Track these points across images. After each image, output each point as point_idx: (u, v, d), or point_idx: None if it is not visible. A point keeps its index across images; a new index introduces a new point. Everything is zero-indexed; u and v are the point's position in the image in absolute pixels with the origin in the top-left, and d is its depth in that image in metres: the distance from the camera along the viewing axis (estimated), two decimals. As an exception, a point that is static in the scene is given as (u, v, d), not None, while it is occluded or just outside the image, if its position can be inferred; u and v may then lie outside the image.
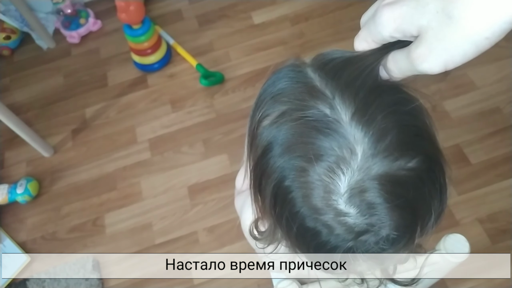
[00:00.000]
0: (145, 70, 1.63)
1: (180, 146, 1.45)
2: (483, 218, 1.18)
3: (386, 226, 0.35)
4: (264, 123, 0.39)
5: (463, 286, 1.11)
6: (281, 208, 0.38)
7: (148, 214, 1.34)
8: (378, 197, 0.34)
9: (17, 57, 1.76)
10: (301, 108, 0.36)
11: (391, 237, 0.36)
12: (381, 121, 0.34)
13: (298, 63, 0.39)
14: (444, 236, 0.55)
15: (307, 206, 0.36)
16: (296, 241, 0.40)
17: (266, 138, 0.38)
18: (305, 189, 0.35)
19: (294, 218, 0.37)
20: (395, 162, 0.34)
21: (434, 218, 0.38)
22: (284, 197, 0.37)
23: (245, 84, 1.55)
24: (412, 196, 0.35)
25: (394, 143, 0.33)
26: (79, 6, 1.78)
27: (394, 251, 0.37)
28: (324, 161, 0.34)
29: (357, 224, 0.35)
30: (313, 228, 0.36)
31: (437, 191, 0.38)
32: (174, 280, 1.21)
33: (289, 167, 0.36)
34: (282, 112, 0.37)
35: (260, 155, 0.39)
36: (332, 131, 0.34)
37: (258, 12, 1.72)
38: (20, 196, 1.35)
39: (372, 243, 0.36)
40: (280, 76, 0.39)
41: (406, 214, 0.35)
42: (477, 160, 1.27)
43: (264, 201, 0.40)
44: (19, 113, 1.43)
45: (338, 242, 0.36)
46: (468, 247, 0.55)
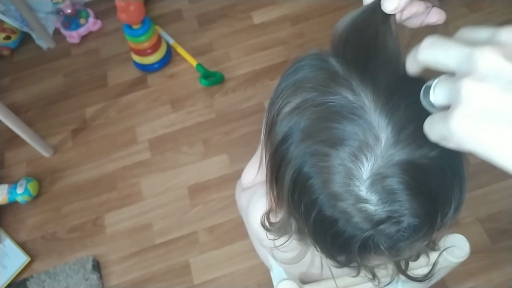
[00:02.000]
0: (145, 70, 1.63)
1: (180, 146, 1.45)
2: (483, 218, 1.18)
3: (407, 214, 0.35)
4: (285, 109, 0.38)
5: (463, 286, 1.11)
6: (300, 195, 0.38)
7: (148, 214, 1.34)
8: (400, 184, 0.34)
9: (17, 57, 1.76)
10: (324, 94, 0.35)
11: (412, 224, 0.35)
12: (404, 110, 0.33)
13: (320, 52, 0.39)
14: (444, 236, 0.56)
15: (326, 192, 0.36)
16: (313, 230, 0.39)
17: (287, 125, 0.37)
18: (326, 174, 0.35)
19: (313, 205, 0.37)
20: (418, 150, 0.34)
21: (454, 208, 0.38)
22: (304, 183, 0.37)
23: (245, 84, 1.55)
24: (433, 184, 0.35)
25: (417, 131, 0.33)
26: (79, 6, 1.78)
27: (414, 239, 0.37)
28: (347, 145, 0.34)
29: (378, 211, 0.35)
30: (330, 216, 0.36)
31: (457, 181, 0.38)
32: (174, 280, 1.22)
33: (310, 153, 0.36)
34: (304, 99, 0.37)
35: (280, 141, 0.38)
36: (356, 116, 0.34)
37: (258, 12, 1.72)
38: (20, 196, 1.35)
39: (393, 232, 0.36)
40: (303, 64, 0.39)
41: (427, 202, 0.35)
42: (477, 160, 1.26)
43: (282, 189, 0.40)
44: (19, 113, 1.43)
45: (355, 231, 0.36)
46: (468, 247, 0.55)
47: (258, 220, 0.49)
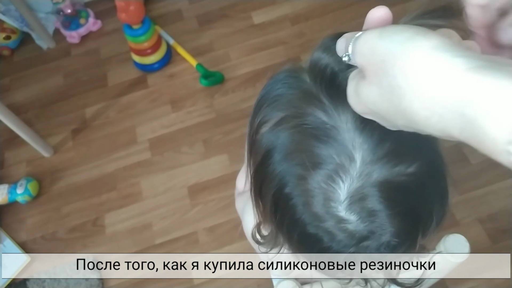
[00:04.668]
0: (145, 70, 1.63)
1: (180, 146, 1.45)
2: (483, 218, 1.18)
3: (387, 232, 0.35)
4: (263, 129, 0.39)
5: (463, 286, 1.11)
6: (282, 215, 0.38)
7: (148, 214, 1.34)
8: (378, 204, 0.34)
9: (17, 57, 1.76)
10: (298, 115, 0.35)
11: (391, 243, 0.35)
12: (378, 127, 0.33)
13: (294, 68, 0.39)
14: (444, 236, 0.55)
15: (308, 213, 0.35)
16: (297, 247, 0.40)
17: (265, 145, 0.38)
18: (305, 197, 0.35)
19: (295, 225, 0.37)
20: (395, 168, 0.33)
21: (436, 221, 0.38)
22: (285, 204, 0.37)
23: (245, 84, 1.55)
24: (412, 201, 0.35)
25: (393, 148, 0.33)
26: (79, 6, 1.78)
27: (395, 256, 0.37)
28: (322, 169, 0.34)
29: (358, 231, 0.34)
30: (314, 235, 0.36)
31: (438, 195, 0.37)
32: (174, 280, 1.22)
33: (289, 175, 0.36)
34: (280, 118, 0.37)
35: (259, 162, 0.39)
36: (330, 138, 0.33)
37: (258, 12, 1.72)
38: (20, 196, 1.35)
39: (373, 249, 0.36)
40: (277, 81, 0.39)
41: (407, 220, 0.35)
42: (477, 160, 1.26)
43: (265, 207, 0.40)
44: (19, 113, 1.43)
45: (340, 248, 0.36)
46: (468, 247, 0.55)
47: (249, 232, 0.49)
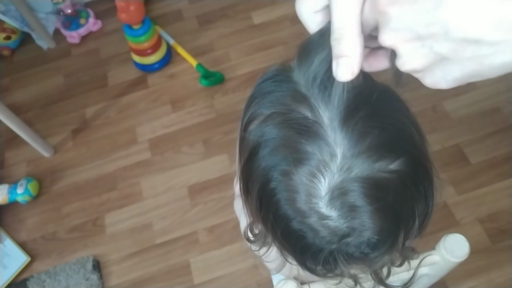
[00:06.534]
0: (145, 70, 1.63)
1: (180, 146, 1.45)
2: (483, 218, 1.18)
3: (368, 229, 0.34)
4: (251, 127, 0.39)
5: (463, 286, 1.11)
6: (266, 210, 0.38)
7: (148, 214, 1.34)
8: (359, 200, 0.33)
9: (17, 57, 1.76)
10: (284, 112, 0.35)
11: (372, 241, 0.35)
12: (361, 122, 0.33)
13: (283, 67, 0.39)
14: (444, 236, 0.55)
15: (292, 209, 0.36)
16: (282, 243, 0.40)
17: (252, 142, 0.38)
18: (289, 192, 0.35)
19: (279, 221, 0.37)
20: (375, 164, 0.33)
21: (419, 222, 0.37)
22: (269, 199, 0.37)
23: (245, 84, 1.55)
24: (393, 199, 0.34)
25: (375, 144, 0.33)
26: (79, 6, 1.78)
27: (377, 255, 0.37)
28: (305, 165, 0.34)
29: (339, 227, 0.34)
30: (298, 231, 0.36)
31: (421, 194, 0.37)
32: (174, 280, 1.22)
33: (273, 170, 0.36)
34: (267, 115, 0.37)
35: (246, 158, 0.39)
36: (313, 133, 0.33)
37: (258, 12, 1.72)
38: (20, 196, 1.36)
39: (354, 247, 0.36)
40: (266, 80, 0.39)
41: (387, 217, 0.35)
42: (477, 160, 1.27)
43: (252, 204, 0.40)
44: (19, 113, 1.43)
45: (323, 244, 0.36)
46: (468, 247, 0.55)
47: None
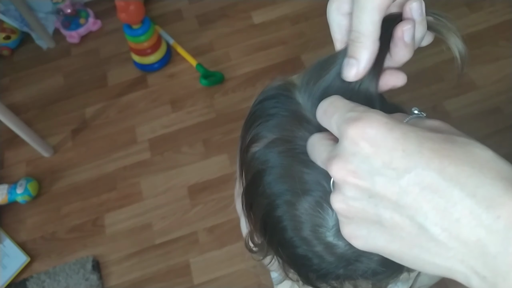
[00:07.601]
0: (145, 70, 1.63)
1: (180, 146, 1.45)
2: (483, 218, 1.18)
3: (374, 261, 0.35)
4: (254, 148, 0.37)
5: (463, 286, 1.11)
6: (271, 235, 0.37)
7: (148, 214, 1.34)
8: None
9: (17, 57, 1.76)
10: (289, 140, 0.35)
11: (377, 271, 0.35)
12: None
13: (286, 84, 0.37)
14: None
15: (298, 237, 0.35)
16: (287, 262, 0.39)
17: (256, 165, 0.37)
18: (294, 222, 0.35)
19: (284, 246, 0.37)
20: None
21: None
22: (275, 225, 0.36)
23: (245, 84, 1.55)
24: None
25: None
26: (79, 6, 1.78)
27: (383, 277, 0.37)
28: (311, 195, 0.33)
29: (346, 254, 0.34)
30: (304, 256, 0.36)
31: None
32: (174, 280, 1.22)
33: (279, 199, 0.35)
34: (271, 140, 0.36)
35: (250, 180, 0.38)
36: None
37: (258, 12, 1.72)
38: (20, 196, 1.35)
39: (360, 274, 0.36)
40: (268, 98, 0.38)
41: None
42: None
43: (256, 224, 0.40)
44: (19, 113, 1.43)
45: (330, 268, 0.36)
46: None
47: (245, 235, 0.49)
